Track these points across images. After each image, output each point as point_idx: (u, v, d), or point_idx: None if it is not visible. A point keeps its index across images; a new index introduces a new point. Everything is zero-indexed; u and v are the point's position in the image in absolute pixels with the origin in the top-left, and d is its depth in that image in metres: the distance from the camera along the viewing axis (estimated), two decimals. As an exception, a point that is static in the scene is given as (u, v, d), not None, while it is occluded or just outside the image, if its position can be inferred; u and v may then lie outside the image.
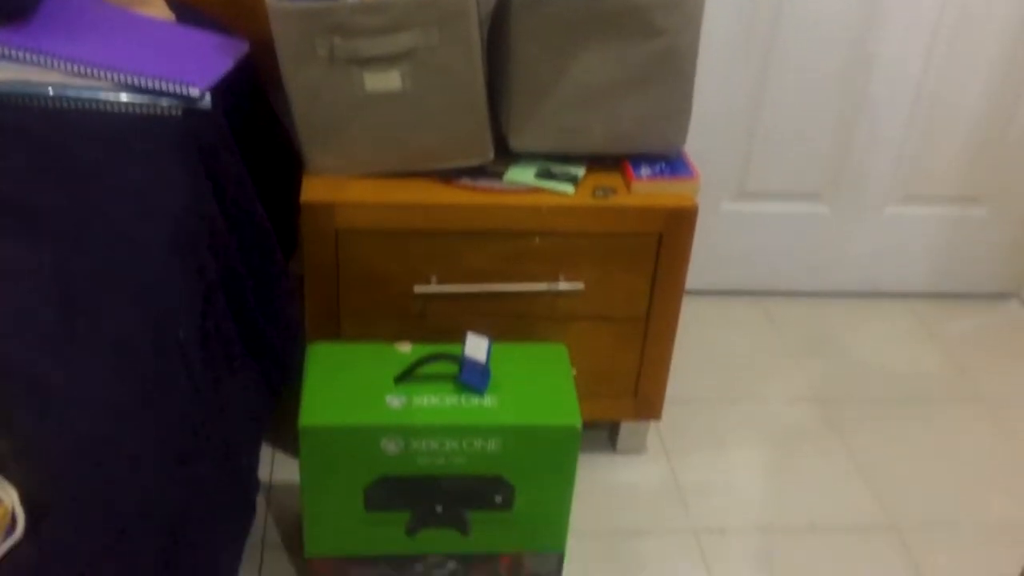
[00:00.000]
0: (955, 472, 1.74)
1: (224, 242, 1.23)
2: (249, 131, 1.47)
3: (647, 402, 1.64)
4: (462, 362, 1.36)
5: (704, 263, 2.08)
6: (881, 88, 1.94)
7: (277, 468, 1.63)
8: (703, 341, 2.00)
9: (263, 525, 1.52)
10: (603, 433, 1.75)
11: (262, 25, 1.37)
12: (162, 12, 1.52)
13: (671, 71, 1.43)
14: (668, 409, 1.69)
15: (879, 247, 2.13)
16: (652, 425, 1.74)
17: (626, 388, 1.62)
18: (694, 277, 2.08)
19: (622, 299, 1.53)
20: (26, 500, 0.71)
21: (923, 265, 2.17)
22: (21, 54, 1.25)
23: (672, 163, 1.51)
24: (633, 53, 1.40)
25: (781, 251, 2.12)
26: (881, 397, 1.91)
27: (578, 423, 1.33)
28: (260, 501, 1.38)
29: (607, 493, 1.64)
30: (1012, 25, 1.92)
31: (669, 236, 1.48)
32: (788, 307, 2.13)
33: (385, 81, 1.36)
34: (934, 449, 1.79)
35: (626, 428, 1.71)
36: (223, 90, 1.35)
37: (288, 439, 1.64)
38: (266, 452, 1.63)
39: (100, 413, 0.83)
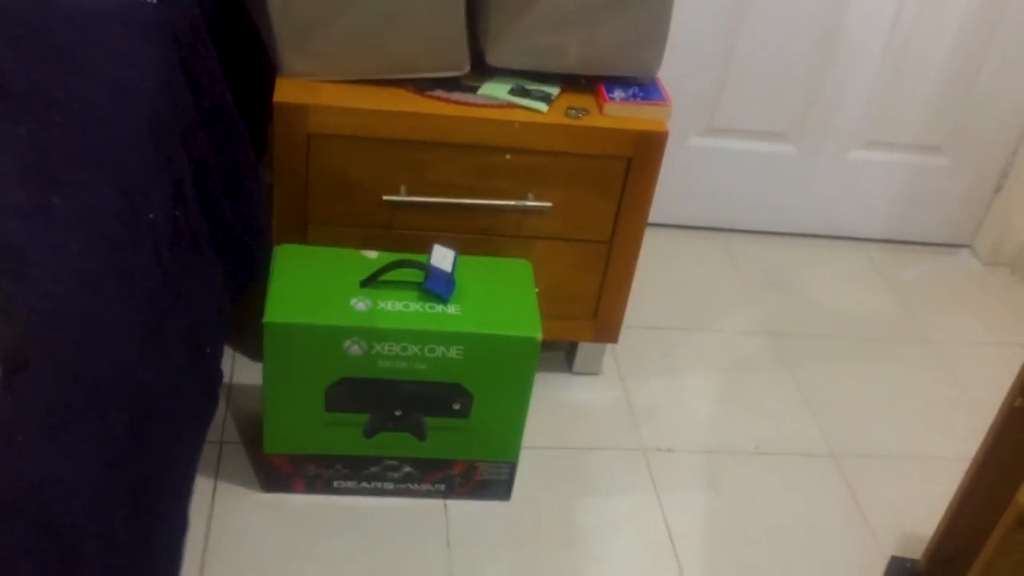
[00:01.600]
0: (896, 409, 1.81)
1: (196, 133, 1.24)
2: (222, 29, 1.46)
3: (605, 325, 1.68)
4: (428, 270, 1.38)
5: (669, 197, 2.10)
6: (855, 31, 1.97)
7: (238, 370, 1.64)
8: (664, 272, 2.04)
9: (222, 423, 1.55)
10: (560, 354, 1.78)
11: (243, -81, 1.35)
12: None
13: (650, -5, 1.44)
14: (625, 334, 1.73)
15: (840, 191, 2.18)
16: (609, 348, 1.78)
17: (586, 310, 1.66)
18: (658, 210, 2.10)
19: (588, 221, 1.56)
20: (2, 356, 0.72)
21: (881, 211, 2.22)
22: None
23: (646, 88, 1.52)
24: (614, -26, 1.41)
25: (745, 189, 2.15)
26: (831, 334, 1.96)
27: (538, 335, 1.36)
28: (220, 398, 1.39)
29: (561, 411, 1.68)
30: (985, -23, 1.94)
31: (638, 160, 1.50)
32: (748, 244, 2.17)
33: (365, -16, 1.35)
34: (878, 386, 1.85)
35: (583, 349, 1.74)
36: (200, -17, 1.34)
37: (250, 343, 1.66)
38: (227, 353, 1.65)
39: (74, 282, 0.84)
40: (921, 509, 1.57)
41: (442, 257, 1.40)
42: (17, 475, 0.70)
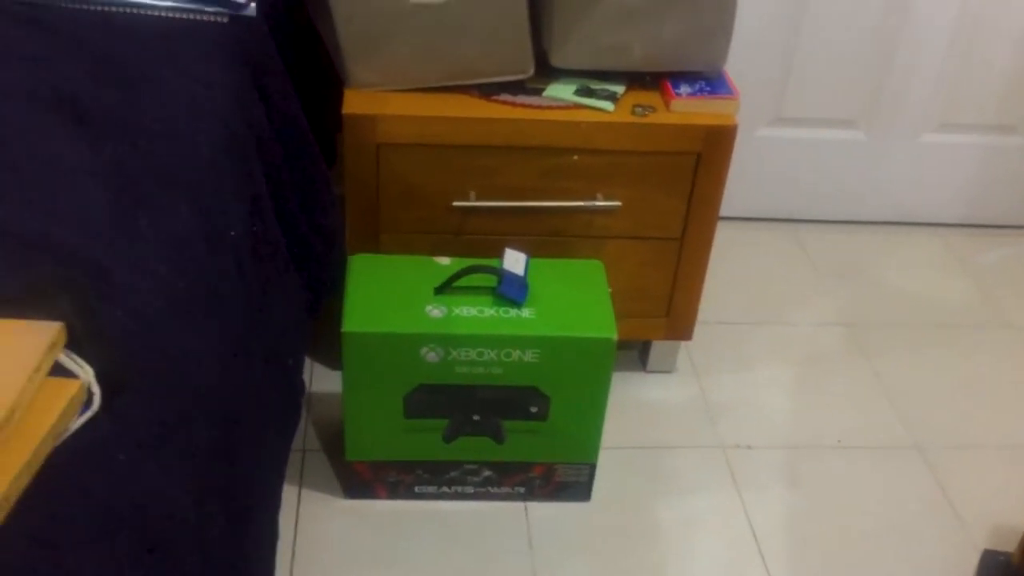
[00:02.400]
0: (979, 396, 1.76)
1: (270, 150, 1.25)
2: (291, 43, 1.48)
3: (679, 322, 1.66)
4: (501, 275, 1.38)
5: (739, 189, 2.08)
6: (922, 12, 1.92)
7: (317, 379, 1.67)
8: (735, 266, 2.02)
9: (304, 431, 1.57)
10: (634, 353, 1.77)
11: (306, -65, 1.37)
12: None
13: (714, -12, 1.42)
14: (699, 330, 1.71)
15: (913, 175, 2.13)
16: (683, 345, 1.77)
17: (659, 308, 1.65)
18: (728, 203, 2.07)
19: (658, 219, 1.55)
20: (100, 377, 0.74)
21: (956, 195, 2.16)
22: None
23: (712, 82, 1.51)
24: (676, -31, 1.40)
25: (815, 178, 2.12)
26: (909, 323, 1.92)
27: (613, 335, 1.36)
28: (302, 407, 1.41)
29: (638, 410, 1.68)
30: (1059, -50, 1.89)
31: (707, 155, 1.49)
32: (820, 234, 2.14)
33: (428, -7, 1.36)
34: (961, 374, 1.81)
35: (657, 347, 1.73)
36: (266, 1, 1.36)
37: (328, 352, 1.68)
38: (306, 364, 1.67)
39: (162, 302, 0.86)
40: (1013, 500, 1.53)
41: (514, 261, 1.40)
42: (121, 493, 0.72)
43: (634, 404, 1.68)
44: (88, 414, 0.72)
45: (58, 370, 0.73)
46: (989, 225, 2.21)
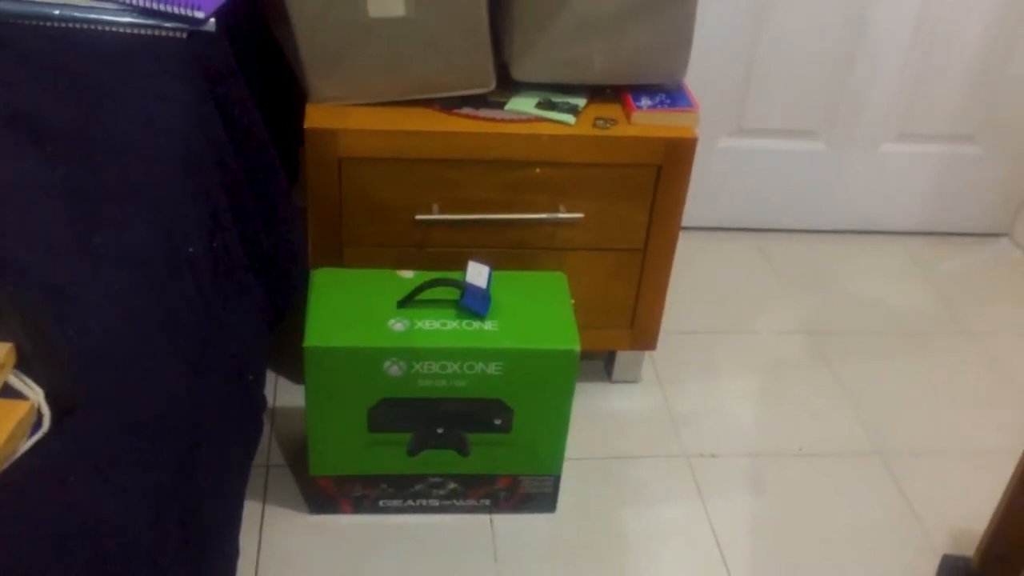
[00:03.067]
0: (941, 403, 1.79)
1: (230, 165, 1.25)
2: (252, 58, 1.47)
3: (643, 333, 1.67)
4: (463, 288, 1.39)
5: (701, 199, 2.10)
6: (880, 24, 1.95)
7: (280, 394, 1.66)
8: (698, 275, 2.03)
9: (267, 447, 1.56)
10: (599, 363, 1.78)
11: (266, -50, 1.37)
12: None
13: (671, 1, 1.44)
14: (663, 340, 1.72)
15: (873, 185, 2.16)
16: (647, 355, 1.78)
17: (622, 319, 1.66)
18: (690, 214, 2.10)
19: (620, 230, 1.56)
20: (50, 399, 0.74)
21: (916, 203, 2.20)
22: (26, -25, 1.25)
23: (672, 94, 1.52)
24: (635, -17, 1.41)
25: (777, 188, 2.14)
26: (871, 331, 1.95)
27: (577, 347, 1.36)
28: (264, 422, 1.41)
29: (602, 420, 1.68)
30: (1012, -37, 1.92)
31: (668, 167, 1.50)
32: (782, 243, 2.16)
33: (388, 7, 1.37)
34: (922, 381, 1.83)
35: (622, 358, 1.74)
36: (227, 15, 1.35)
37: (290, 366, 1.68)
38: (269, 378, 1.67)
39: (118, 320, 0.86)
40: (972, 505, 1.55)
41: (477, 273, 1.41)
42: (71, 516, 0.71)
43: (599, 415, 1.69)
44: (38, 435, 0.71)
45: (7, 391, 0.72)
46: (949, 233, 2.24)
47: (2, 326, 0.75)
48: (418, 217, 1.49)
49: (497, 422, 1.41)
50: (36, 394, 0.72)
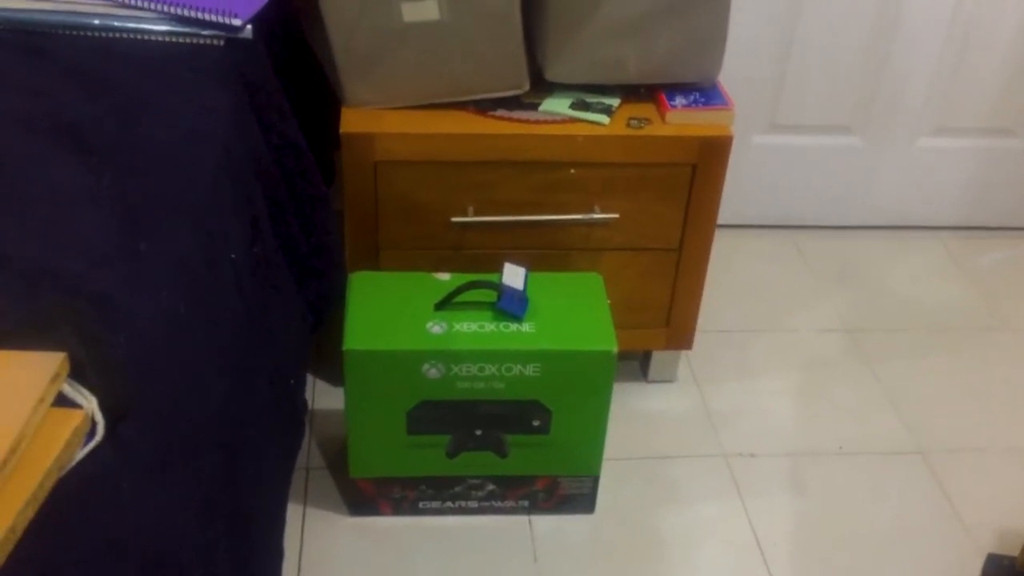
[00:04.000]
0: (982, 399, 1.77)
1: (269, 171, 1.26)
2: (287, 63, 1.49)
3: (679, 332, 1.67)
4: (500, 290, 1.39)
5: (736, 197, 2.09)
6: (915, 16, 1.93)
7: (319, 397, 1.67)
8: (733, 273, 2.02)
9: (307, 449, 1.58)
10: (635, 363, 1.78)
11: (300, -44, 1.38)
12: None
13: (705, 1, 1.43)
14: (699, 339, 1.72)
15: (910, 180, 2.14)
16: (684, 354, 1.77)
17: (658, 318, 1.65)
18: (725, 211, 2.09)
19: (655, 230, 1.55)
20: (103, 406, 0.75)
21: (954, 198, 2.17)
22: (67, -14, 1.27)
23: (707, 93, 1.52)
24: (669, -18, 1.41)
25: (812, 185, 2.13)
26: (909, 327, 1.93)
27: (614, 348, 1.36)
28: (304, 426, 1.42)
29: (639, 421, 1.68)
30: (1050, -47, 1.89)
31: (703, 166, 1.49)
32: (818, 240, 2.15)
33: (423, 11, 1.37)
34: (961, 377, 1.81)
35: (658, 358, 1.74)
36: (263, 21, 1.37)
37: (330, 369, 1.69)
38: (309, 381, 1.68)
39: (165, 327, 0.87)
40: (1016, 503, 1.54)
41: (514, 275, 1.41)
42: (126, 522, 0.72)
43: (636, 414, 1.69)
44: (92, 444, 0.73)
45: (62, 400, 0.74)
46: (988, 227, 2.22)
47: (55, 336, 0.76)
48: (453, 219, 1.50)
49: (535, 423, 1.42)
50: (90, 402, 0.73)
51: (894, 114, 2.05)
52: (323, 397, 1.67)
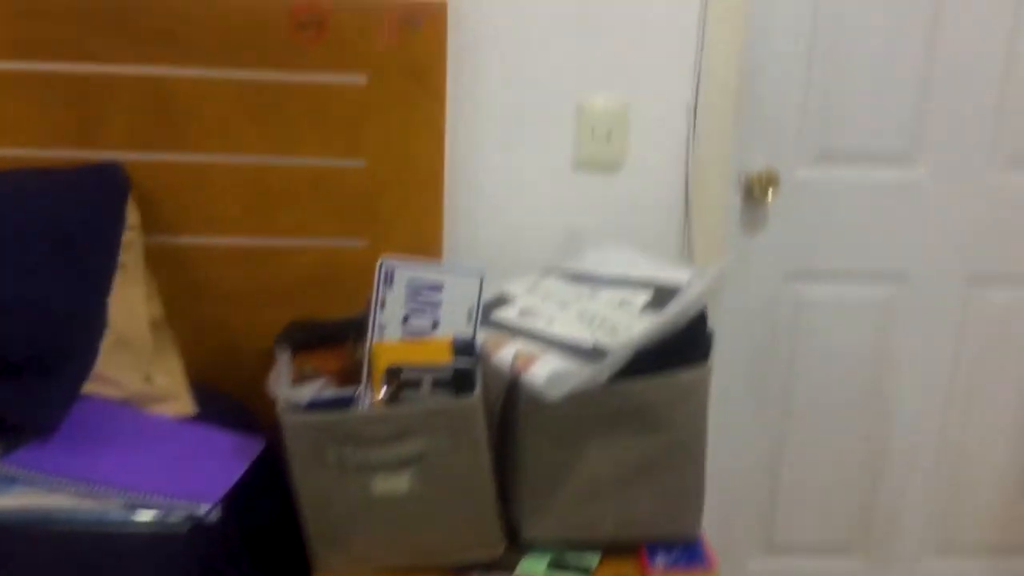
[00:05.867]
0: None
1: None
2: (264, 526, 1.46)
3: None
4: None
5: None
6: (903, 441, 1.93)
7: None
8: None
9: None
10: None
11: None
12: (184, 405, 1.57)
13: (680, 461, 1.43)
14: None
15: None
16: None
17: None
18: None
19: None
20: None
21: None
22: (34, 476, 1.27)
23: (690, 548, 1.47)
24: (641, 445, 1.41)
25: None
26: None
27: None
28: None
29: None
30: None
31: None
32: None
33: (393, 484, 1.37)
34: None
35: None
36: (234, 492, 1.36)
37: None
38: None
39: None
40: None
41: None
42: None
43: None
44: None
45: None
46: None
47: None
48: None
49: None
50: None
51: (894, 535, 1.99)
52: None
